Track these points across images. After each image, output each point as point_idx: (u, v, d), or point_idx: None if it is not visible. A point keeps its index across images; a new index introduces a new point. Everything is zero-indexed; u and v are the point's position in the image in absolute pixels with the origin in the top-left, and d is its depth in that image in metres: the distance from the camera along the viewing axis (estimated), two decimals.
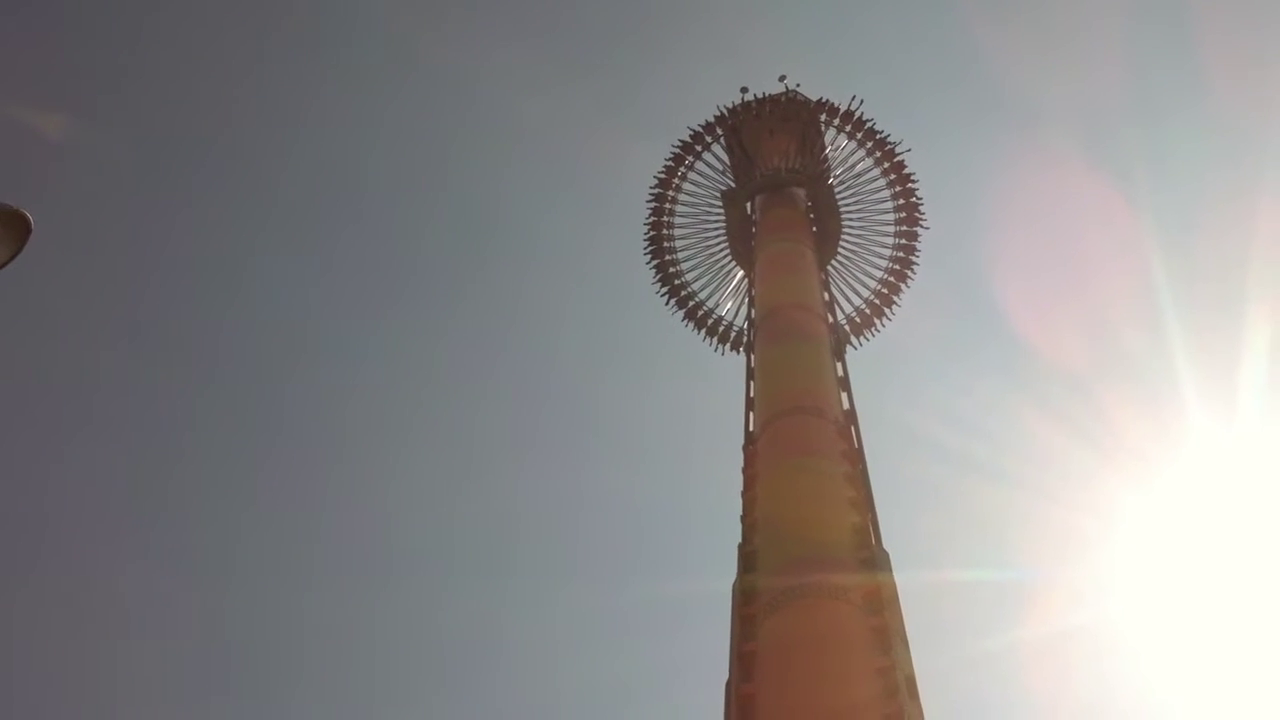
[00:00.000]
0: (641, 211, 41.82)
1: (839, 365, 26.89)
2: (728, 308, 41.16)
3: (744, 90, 40.55)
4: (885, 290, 40.95)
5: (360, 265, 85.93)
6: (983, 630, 51.13)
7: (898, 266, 40.74)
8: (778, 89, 40.55)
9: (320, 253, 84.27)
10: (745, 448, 23.73)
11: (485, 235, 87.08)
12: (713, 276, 41.23)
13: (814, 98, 40.23)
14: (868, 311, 41.14)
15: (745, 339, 32.80)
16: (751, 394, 26.33)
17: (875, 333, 41.40)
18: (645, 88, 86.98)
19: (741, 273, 39.40)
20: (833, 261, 39.49)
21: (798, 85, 40.63)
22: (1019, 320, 68.71)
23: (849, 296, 40.80)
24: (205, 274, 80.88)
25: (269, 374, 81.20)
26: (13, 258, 11.69)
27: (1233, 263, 68.28)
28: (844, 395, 25.37)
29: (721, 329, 41.33)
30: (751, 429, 24.60)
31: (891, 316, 41.28)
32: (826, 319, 29.24)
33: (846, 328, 39.46)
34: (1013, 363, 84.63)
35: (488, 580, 76.52)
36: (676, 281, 41.56)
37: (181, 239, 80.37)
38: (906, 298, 41.30)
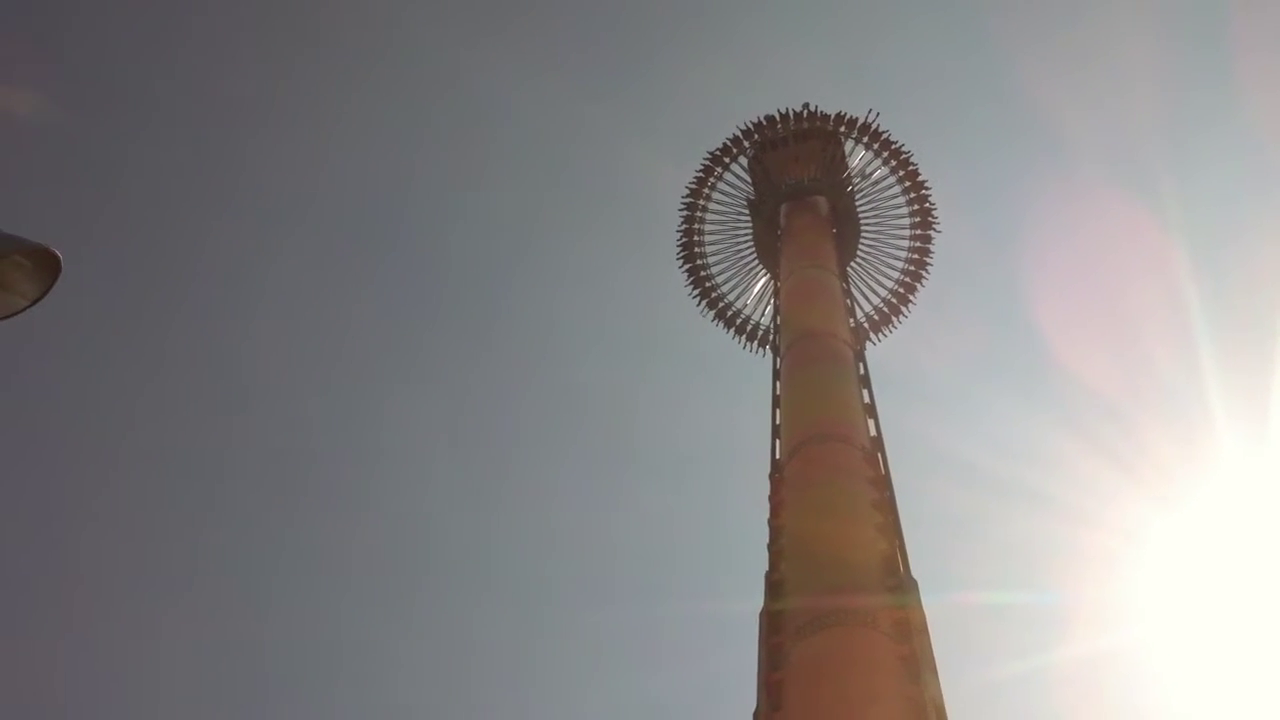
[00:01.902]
0: (672, 230, 46.00)
1: (865, 392, 26.83)
2: (755, 309, 45.06)
3: (768, 117, 43.05)
4: (902, 290, 44.76)
5: (393, 282, 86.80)
6: (1012, 653, 50.83)
7: (913, 268, 44.42)
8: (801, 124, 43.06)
9: (354, 270, 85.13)
10: (771, 475, 23.66)
11: (517, 254, 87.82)
12: (741, 279, 45.17)
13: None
14: (885, 310, 44.96)
15: (771, 338, 35.78)
16: (777, 421, 26.26)
17: (893, 329, 45.31)
18: (677, 109, 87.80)
19: (767, 275, 42.81)
20: (852, 263, 43.08)
21: (818, 107, 43.09)
22: (1048, 340, 68.71)
23: (868, 296, 44.71)
24: (239, 291, 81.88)
25: (299, 391, 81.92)
26: (42, 296, 11.79)
27: (1265, 283, 67.89)
28: (870, 422, 25.26)
29: (749, 328, 45.26)
30: (778, 456, 24.53)
31: (907, 314, 45.16)
32: (853, 346, 29.21)
33: (866, 325, 43.28)
34: (1041, 383, 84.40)
35: (520, 597, 76.81)
36: (708, 284, 45.41)
37: (214, 258, 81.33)
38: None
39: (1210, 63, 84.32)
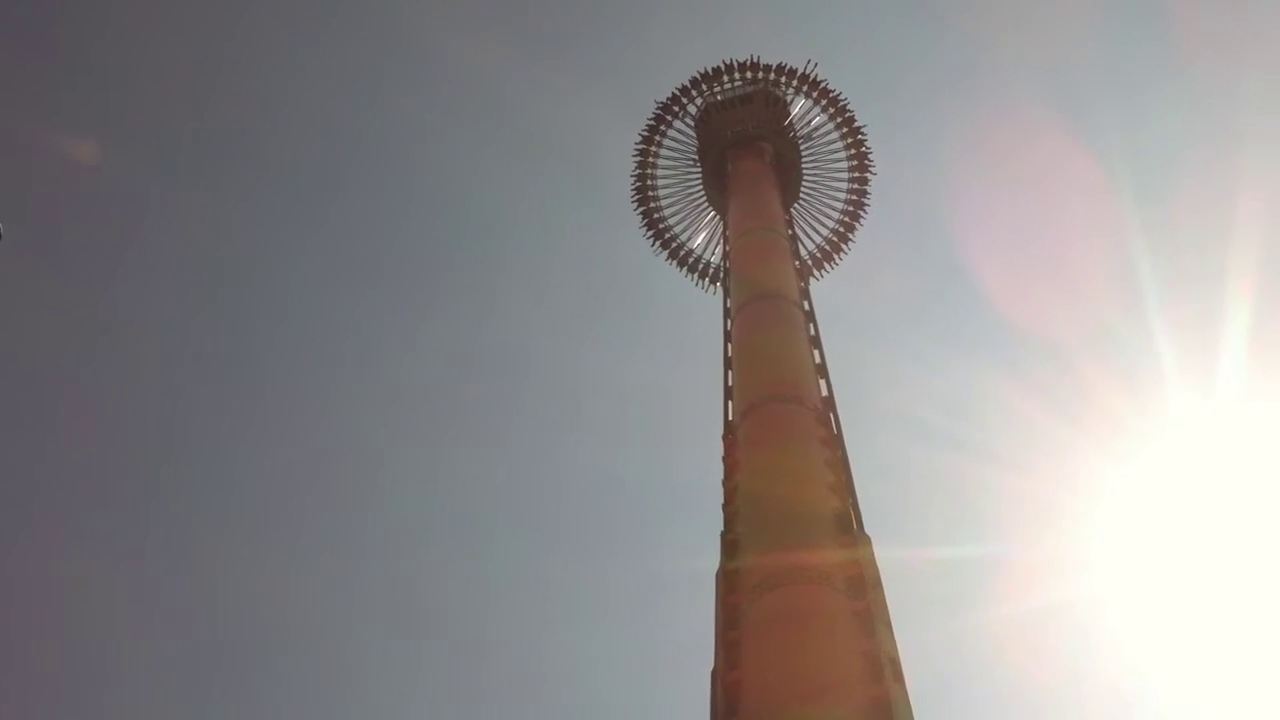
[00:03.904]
0: (619, 188, 48.30)
1: (816, 353, 26.96)
2: (706, 249, 47.36)
3: (714, 68, 44.80)
4: (842, 229, 47.26)
5: (341, 242, 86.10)
6: (964, 606, 51.46)
7: (852, 208, 47.01)
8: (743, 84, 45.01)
9: (301, 231, 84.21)
10: (725, 436, 23.76)
11: (465, 213, 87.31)
12: (691, 220, 47.46)
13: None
14: (827, 248, 47.47)
15: (722, 277, 37.47)
16: (730, 383, 26.35)
17: (835, 265, 47.76)
18: (622, 66, 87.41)
19: (716, 216, 45.39)
20: (796, 205, 45.15)
21: (759, 58, 45.12)
22: (996, 296, 69.22)
23: (810, 236, 46.92)
24: (189, 264, 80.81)
25: (251, 354, 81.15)
26: None
27: (1211, 235, 68.73)
28: (822, 382, 25.39)
29: (701, 266, 47.70)
30: (731, 418, 24.63)
31: (848, 251, 47.66)
32: (803, 306, 29.35)
33: (809, 263, 45.14)
34: (991, 338, 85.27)
35: (471, 555, 76.73)
36: (660, 226, 47.77)
37: (164, 229, 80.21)
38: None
39: (1152, 17, 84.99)
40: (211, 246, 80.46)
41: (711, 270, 47.04)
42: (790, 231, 37.03)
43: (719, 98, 44.36)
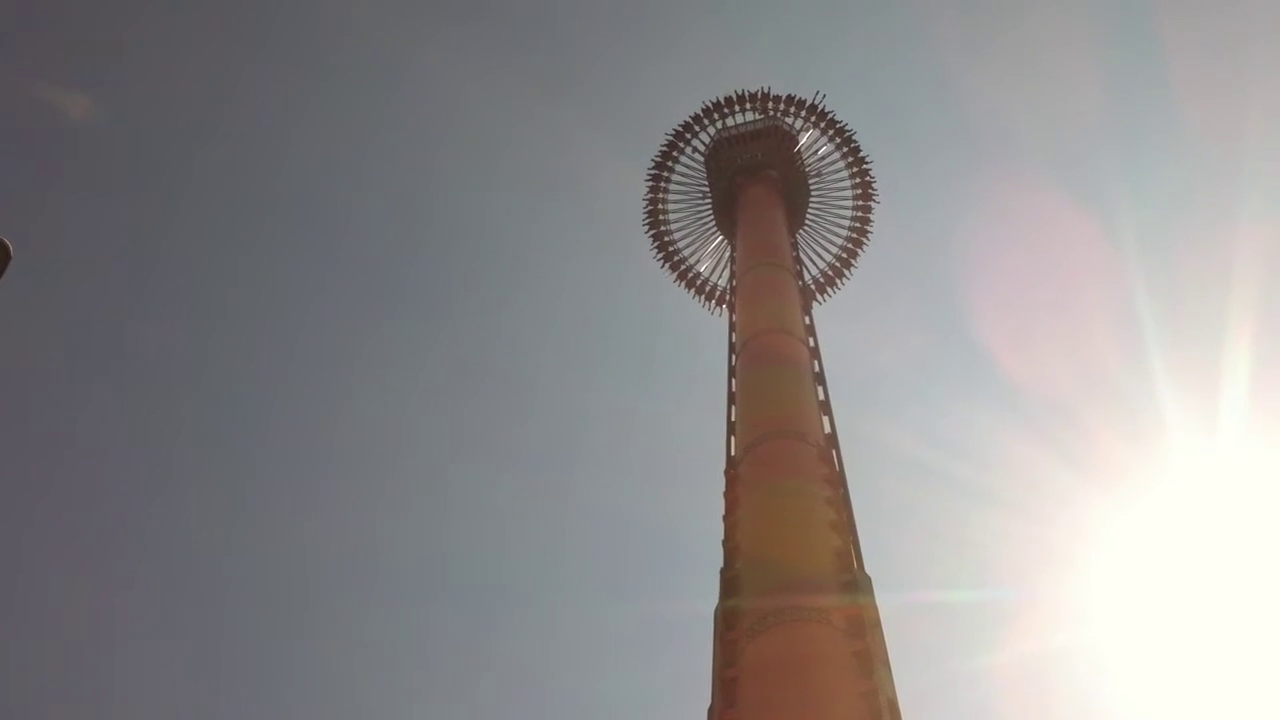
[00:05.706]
0: (627, 223, 51.94)
1: (820, 389, 26.90)
2: (714, 271, 48.57)
3: (726, 97, 46.18)
4: (846, 255, 48.55)
5: (350, 277, 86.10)
6: (965, 650, 51.17)
7: (856, 234, 48.30)
8: (754, 119, 46.16)
9: (310, 267, 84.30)
10: (727, 472, 23.66)
11: (472, 249, 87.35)
12: (700, 244, 48.71)
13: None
14: (830, 274, 48.62)
15: (728, 303, 38.00)
16: (733, 418, 26.28)
17: (837, 290, 48.88)
18: (631, 105, 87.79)
19: (724, 238, 46.47)
20: (801, 230, 46.72)
21: (770, 88, 46.34)
22: (999, 342, 69.18)
23: (814, 261, 48.24)
24: (199, 282, 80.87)
25: (257, 387, 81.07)
26: None
27: (1212, 283, 68.78)
28: (825, 419, 25.32)
29: (708, 288, 48.95)
30: (733, 453, 24.54)
31: (850, 277, 48.92)
32: (808, 343, 29.32)
33: (812, 287, 46.49)
34: (994, 383, 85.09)
35: (474, 596, 76.38)
36: (670, 249, 49.07)
37: (175, 244, 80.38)
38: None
39: (1146, 69, 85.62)
40: (228, 276, 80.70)
41: (718, 293, 48.04)
42: (798, 266, 37.39)
43: (730, 132, 45.36)
